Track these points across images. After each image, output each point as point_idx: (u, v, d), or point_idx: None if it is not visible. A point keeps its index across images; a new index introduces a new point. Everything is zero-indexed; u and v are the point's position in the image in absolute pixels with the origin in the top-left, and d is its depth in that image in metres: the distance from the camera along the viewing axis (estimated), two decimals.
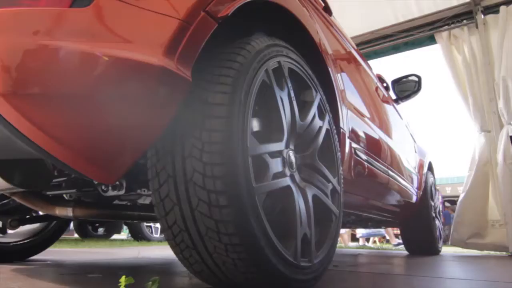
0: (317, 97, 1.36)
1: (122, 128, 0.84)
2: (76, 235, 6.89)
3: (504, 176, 3.84)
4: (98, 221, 5.95)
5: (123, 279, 0.89)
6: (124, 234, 9.54)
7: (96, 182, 1.29)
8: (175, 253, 0.99)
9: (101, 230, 6.66)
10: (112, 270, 1.63)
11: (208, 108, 0.91)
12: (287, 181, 1.09)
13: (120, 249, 3.79)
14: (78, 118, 0.82)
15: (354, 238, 12.59)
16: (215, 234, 0.89)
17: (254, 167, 0.95)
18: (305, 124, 1.26)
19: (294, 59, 1.27)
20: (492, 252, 4.15)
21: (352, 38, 4.62)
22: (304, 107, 1.31)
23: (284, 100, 1.14)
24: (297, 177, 1.19)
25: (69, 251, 3.34)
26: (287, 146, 1.16)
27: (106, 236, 6.67)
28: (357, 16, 4.83)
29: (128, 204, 1.60)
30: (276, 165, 1.07)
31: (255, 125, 1.09)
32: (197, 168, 0.88)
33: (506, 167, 3.85)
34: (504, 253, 4.00)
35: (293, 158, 1.18)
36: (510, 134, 3.93)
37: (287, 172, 1.13)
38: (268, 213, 1.14)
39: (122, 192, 1.29)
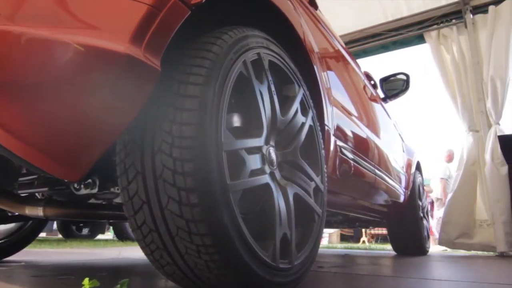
0: (300, 92, 1.31)
1: (85, 120, 0.78)
2: (60, 236, 6.77)
3: (492, 176, 3.84)
4: (82, 221, 5.84)
5: (86, 282, 0.83)
6: (110, 234, 9.42)
7: (67, 180, 1.22)
8: (146, 254, 0.94)
9: (85, 230, 6.55)
10: (86, 272, 1.56)
11: (179, 100, 0.85)
12: (265, 178, 1.03)
13: (102, 249, 3.71)
14: (37, 110, 0.76)
15: (343, 238, 12.61)
16: (186, 235, 0.83)
17: (229, 164, 0.90)
18: (286, 120, 1.21)
19: (276, 51, 1.22)
20: (479, 252, 4.15)
21: (341, 36, 4.60)
22: (286, 102, 1.26)
23: (264, 94, 1.09)
24: (277, 174, 1.14)
25: (49, 251, 3.25)
26: (267, 143, 1.11)
27: (91, 236, 6.56)
28: (347, 15, 4.81)
29: (103, 203, 1.53)
30: (253, 161, 1.01)
31: (231, 119, 1.04)
32: (167, 164, 0.82)
33: (494, 166, 3.84)
34: (491, 253, 4.00)
35: (273, 155, 1.13)
36: (498, 134, 3.93)
37: (267, 169, 1.08)
38: (247, 212, 1.09)
39: (95, 190, 1.23)
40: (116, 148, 0.92)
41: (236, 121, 1.05)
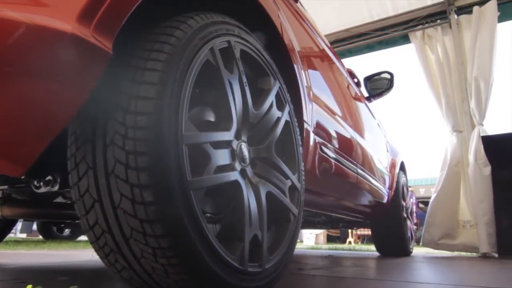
0: (276, 85, 1.24)
1: (25, 108, 0.69)
2: (41, 237, 6.58)
3: (475, 177, 3.82)
4: (63, 221, 5.69)
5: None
6: None
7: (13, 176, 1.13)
8: (100, 257, 0.85)
9: (67, 231, 6.38)
10: (48, 275, 1.47)
11: (134, 88, 0.77)
12: (233, 175, 0.96)
13: (80, 251, 3.59)
14: None
15: (330, 239, 12.62)
16: (140, 236, 0.75)
17: (192, 159, 0.82)
18: (260, 114, 1.13)
19: (249, 41, 1.14)
20: (463, 253, 4.13)
21: (327, 35, 4.56)
22: (260, 95, 1.19)
23: (234, 85, 1.01)
24: (249, 172, 1.06)
25: (23, 253, 3.13)
26: (238, 137, 1.03)
27: (72, 237, 6.39)
28: (332, 14, 4.78)
29: (68, 202, 1.44)
30: (221, 157, 0.94)
31: (196, 111, 0.96)
32: (119, 157, 0.74)
33: (477, 167, 3.83)
34: (474, 254, 3.98)
35: (245, 152, 1.06)
36: (482, 135, 3.92)
37: (237, 166, 1.00)
38: (219, 211, 1.02)
39: (55, 188, 1.14)
40: (53, 138, 0.83)
41: (202, 113, 0.97)
